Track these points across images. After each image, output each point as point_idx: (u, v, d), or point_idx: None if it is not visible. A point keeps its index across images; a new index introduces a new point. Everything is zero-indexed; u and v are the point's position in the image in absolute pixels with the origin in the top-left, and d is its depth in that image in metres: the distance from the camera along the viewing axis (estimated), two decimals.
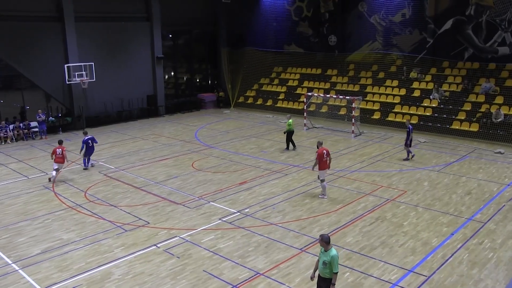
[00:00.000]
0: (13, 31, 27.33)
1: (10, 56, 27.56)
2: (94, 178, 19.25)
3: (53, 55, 28.89)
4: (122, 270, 11.59)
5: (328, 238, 8.91)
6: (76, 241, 13.30)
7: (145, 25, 33.47)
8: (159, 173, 19.63)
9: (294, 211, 15.14)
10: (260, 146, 23.88)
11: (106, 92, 31.34)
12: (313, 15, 34.26)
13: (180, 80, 39.26)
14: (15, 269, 11.82)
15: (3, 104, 28.45)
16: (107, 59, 31.20)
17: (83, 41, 29.88)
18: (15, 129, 27.27)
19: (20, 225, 14.60)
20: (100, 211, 15.53)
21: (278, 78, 36.57)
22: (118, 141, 26.16)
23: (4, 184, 18.93)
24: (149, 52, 33.91)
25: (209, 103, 37.06)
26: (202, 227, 13.98)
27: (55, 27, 28.97)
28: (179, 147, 24.04)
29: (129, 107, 32.82)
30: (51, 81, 29.09)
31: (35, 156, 23.35)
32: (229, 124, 30.27)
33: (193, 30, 37.91)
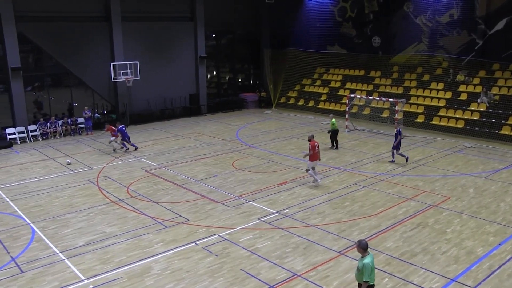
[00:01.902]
0: (64, 31, 28.33)
1: (61, 55, 28.58)
2: (136, 174, 19.68)
3: (100, 54, 29.75)
4: (161, 265, 11.79)
5: (366, 244, 8.67)
6: (118, 235, 13.63)
7: (189, 25, 33.95)
8: (199, 171, 19.86)
9: (333, 213, 15.01)
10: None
11: (150, 90, 31.99)
12: (357, 16, 33.82)
13: (223, 79, 39.61)
14: (61, 259, 12.25)
15: (53, 101, 29.55)
16: (151, 58, 31.84)
17: (128, 40, 30.62)
18: (63, 125, 28.23)
19: (66, 217, 15.11)
20: (142, 206, 15.86)
21: (321, 79, 36.32)
22: (161, 138, 26.64)
23: (52, 177, 19.64)
24: (193, 52, 34.39)
25: (250, 103, 37.21)
26: (241, 226, 14.05)
27: (102, 27, 29.82)
28: (220, 146, 24.26)
29: (172, 106, 33.37)
30: (97, 79, 29.97)
31: (81, 151, 24.09)
32: (270, 124, 30.30)
33: (236, 30, 38.18)
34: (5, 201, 16.84)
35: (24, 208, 16.05)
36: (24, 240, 13.47)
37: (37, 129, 27.46)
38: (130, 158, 22.26)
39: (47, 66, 29.62)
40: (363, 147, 23.54)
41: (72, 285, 10.91)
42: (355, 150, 22.90)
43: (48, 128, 27.64)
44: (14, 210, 15.86)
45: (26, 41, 27.17)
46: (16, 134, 26.73)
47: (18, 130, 26.85)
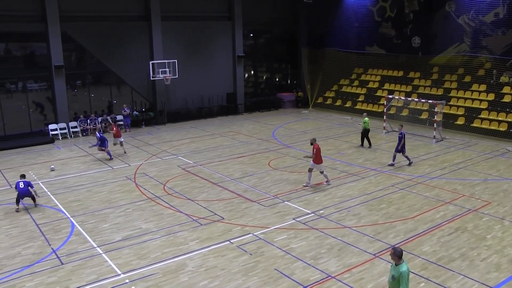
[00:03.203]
0: (105, 30, 28.99)
1: (102, 54, 29.26)
2: (173, 172, 19.93)
3: (140, 53, 30.29)
4: (195, 262, 11.90)
5: (401, 252, 8.38)
6: (154, 231, 13.84)
7: (227, 24, 34.16)
8: (235, 170, 19.95)
9: (369, 215, 14.81)
10: (338, 147, 23.57)
11: (187, 89, 32.36)
12: (396, 16, 33.23)
13: (260, 79, 39.69)
14: (99, 253, 12.55)
15: (94, 98, 30.27)
16: (189, 57, 32.19)
17: (167, 39, 31.06)
18: (102, 122, 28.90)
19: (105, 212, 15.45)
20: (178, 204, 16.05)
21: (358, 79, 35.89)
22: (197, 136, 26.90)
23: (92, 173, 20.13)
24: (230, 51, 34.58)
25: (287, 102, 37.14)
26: (276, 225, 14.03)
27: (142, 26, 30.36)
28: (256, 145, 24.30)
29: (209, 104, 33.65)
30: (136, 77, 30.52)
31: (119, 148, 24.51)
32: (307, 124, 30.16)
33: (274, 30, 38.16)
34: (47, 195, 17.38)
35: (64, 202, 16.51)
36: (64, 233, 13.86)
37: (78, 126, 28.22)
38: (168, 156, 22.58)
39: (88, 65, 30.37)
40: None
41: (109, 279, 11.15)
42: (392, 151, 22.45)
43: (88, 124, 28.36)
44: (55, 204, 16.35)
45: (69, 40, 27.93)
46: (57, 130, 27.56)
47: (60, 126, 27.67)
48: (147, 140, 26.41)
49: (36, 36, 27.72)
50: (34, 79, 28.80)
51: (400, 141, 19.92)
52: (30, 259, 12.28)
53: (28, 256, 12.49)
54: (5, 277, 11.41)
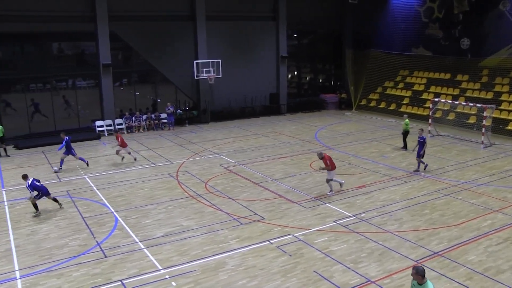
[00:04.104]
0: (151, 30, 29.60)
1: (148, 53, 29.87)
2: (215, 170, 20.10)
3: (184, 52, 30.73)
4: (235, 261, 11.96)
5: (424, 271, 7.90)
6: (195, 229, 14.00)
7: (271, 25, 34.19)
8: (277, 170, 19.92)
9: (412, 220, 14.46)
10: (381, 150, 23.17)
11: (231, 88, 32.58)
12: (444, 16, 32.30)
13: (303, 79, 39.53)
14: (141, 248, 12.80)
15: (139, 96, 30.94)
16: (233, 57, 32.40)
17: (212, 39, 31.37)
18: (147, 120, 29.50)
19: (147, 208, 15.75)
20: (219, 202, 16.17)
21: (403, 81, 35.15)
22: (240, 136, 27.04)
23: (135, 169, 20.58)
24: (274, 51, 34.60)
25: (330, 104, 36.81)
26: (316, 227, 13.92)
27: (187, 25, 30.79)
28: (299, 146, 24.20)
29: (252, 104, 33.77)
30: (181, 76, 30.98)
31: (162, 145, 25.02)
32: (350, 126, 29.80)
33: (318, 30, 37.91)
34: (92, 189, 17.88)
35: (109, 197, 16.94)
36: (108, 227, 14.22)
37: (123, 123, 28.90)
38: (210, 155, 22.80)
39: (134, 63, 31.10)
40: (446, 154, 22.49)
41: (149, 274, 11.35)
42: (437, 156, 21.94)
43: (133, 122, 29.00)
44: (100, 199, 16.79)
45: (116, 39, 28.65)
46: (104, 126, 28.33)
47: (106, 123, 28.44)
48: (190, 138, 26.76)
49: (86, 36, 28.61)
50: (83, 77, 29.74)
51: (422, 146, 19.34)
52: (76, 250, 12.69)
53: (75, 247, 12.91)
54: (55, 266, 11.87)
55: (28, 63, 27.53)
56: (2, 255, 12.61)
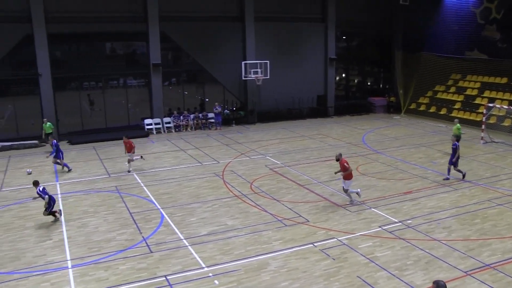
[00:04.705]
0: (200, 30, 30.07)
1: (196, 53, 30.32)
2: (260, 171, 20.15)
3: (233, 53, 31.01)
4: (278, 262, 11.93)
5: (445, 286, 7.39)
6: (239, 229, 14.07)
7: (319, 26, 33.99)
8: (323, 173, 19.76)
9: (461, 229, 13.98)
10: (430, 156, 22.55)
11: (278, 90, 32.58)
12: (503, 17, 30.97)
13: (351, 82, 39.05)
14: (185, 245, 13.00)
15: (187, 96, 31.47)
16: (281, 58, 32.39)
17: (260, 40, 31.51)
18: (195, 119, 29.96)
19: (192, 206, 15.97)
20: (264, 203, 16.20)
21: (455, 86, 34.08)
22: (286, 137, 27.02)
23: (182, 167, 20.92)
24: (322, 53, 34.37)
25: (379, 107, 36.19)
26: (361, 232, 13.71)
27: (236, 26, 31.06)
28: (345, 149, 23.89)
29: (299, 106, 33.66)
30: (228, 77, 31.28)
31: (209, 145, 25.32)
32: (398, 130, 29.19)
33: (367, 32, 37.31)
34: (140, 186, 18.31)
35: (156, 194, 17.29)
36: (154, 223, 14.52)
37: (171, 122, 29.45)
38: (256, 155, 22.88)
39: (183, 63, 31.67)
40: (500, 161, 21.63)
41: (193, 271, 11.50)
42: (490, 164, 21.14)
43: (181, 121, 29.51)
44: (147, 195, 17.18)
45: (166, 40, 29.25)
46: (152, 125, 28.98)
47: (155, 121, 29.08)
48: (237, 138, 26.96)
49: (137, 36, 29.41)
50: (134, 76, 30.54)
51: (455, 153, 18.62)
52: (123, 245, 13.03)
53: (122, 241, 13.26)
54: (103, 258, 12.24)
55: (82, 62, 28.54)
56: (56, 245, 13.16)
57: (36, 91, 26.74)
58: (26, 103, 27.42)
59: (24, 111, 27.02)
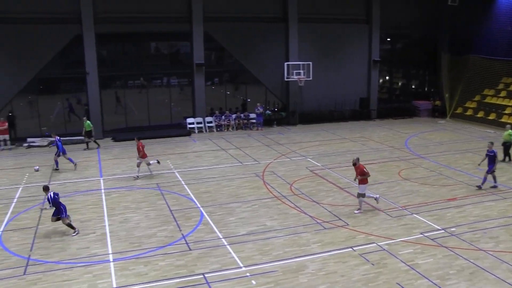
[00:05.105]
0: (243, 31, 30.23)
1: (239, 53, 30.48)
2: (301, 172, 20.05)
3: (275, 54, 31.00)
4: (316, 265, 11.82)
5: None
6: (278, 230, 14.03)
7: (363, 28, 33.51)
8: None
9: (511, 240, 13.41)
10: (476, 162, 21.75)
11: (320, 91, 32.32)
12: None
13: (395, 85, 38.33)
14: (224, 244, 13.07)
15: (229, 96, 31.69)
16: (323, 59, 32.12)
17: (303, 41, 31.38)
18: (236, 119, 30.11)
19: (232, 206, 16.05)
20: (303, 205, 16.09)
21: (507, 90, 32.81)
22: (327, 140, 26.78)
23: (222, 167, 21.07)
24: (366, 55, 33.86)
25: (423, 111, 35.32)
26: (402, 238, 13.40)
27: (279, 27, 31.03)
28: (388, 153, 23.49)
29: (341, 108, 33.29)
30: (271, 77, 31.29)
31: (250, 145, 25.40)
32: (443, 135, 28.41)
33: (413, 34, 36.43)
34: (181, 183, 18.56)
35: (196, 192, 17.48)
36: (194, 221, 14.68)
37: (213, 121, 29.72)
38: (296, 157, 22.79)
39: (226, 63, 31.90)
40: None
41: (231, 270, 11.55)
42: None
43: (223, 120, 29.73)
44: (188, 193, 17.39)
45: (210, 40, 29.55)
46: (194, 124, 29.32)
47: (197, 121, 29.41)
48: (278, 139, 26.93)
49: (181, 36, 29.88)
50: (177, 75, 31.01)
51: (493, 161, 17.81)
52: (163, 241, 13.23)
53: (162, 238, 13.47)
54: (143, 253, 12.49)
55: (127, 61, 29.27)
56: (98, 239, 13.52)
57: (83, 88, 27.60)
58: (74, 100, 28.38)
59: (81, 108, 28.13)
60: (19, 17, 25.73)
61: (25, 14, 25.76)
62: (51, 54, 26.46)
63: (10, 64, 25.88)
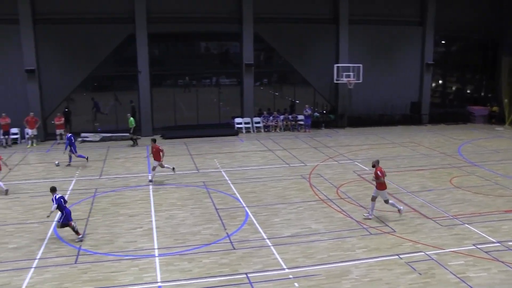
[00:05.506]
0: (293, 32, 30.16)
1: (288, 54, 30.41)
2: (348, 176, 19.73)
3: (325, 55, 30.74)
4: (360, 271, 11.55)
5: None
6: (322, 233, 13.84)
7: (417, 30, 32.61)
8: (413, 183, 18.92)
9: None
10: None
11: (370, 94, 31.73)
12: None
13: (449, 89, 37.08)
14: (268, 245, 13.01)
15: (278, 96, 31.64)
16: (374, 62, 31.52)
17: (353, 42, 30.93)
18: (284, 120, 30.03)
19: (277, 207, 15.97)
20: (349, 209, 15.81)
21: None
22: (376, 144, 26.26)
23: (269, 168, 21.04)
24: (419, 58, 32.95)
25: (478, 117, 33.99)
26: (452, 248, 12.88)
27: (330, 29, 30.75)
28: (439, 160, 22.74)
29: (391, 112, 32.55)
30: (320, 79, 31.05)
31: (297, 146, 25.25)
32: (500, 142, 27.19)
33: (470, 36, 35.05)
34: (227, 183, 18.65)
35: (242, 192, 17.51)
36: (239, 221, 14.69)
37: (261, 122, 29.75)
38: (344, 160, 22.45)
39: (275, 64, 31.89)
40: None
41: (274, 271, 11.46)
42: None
43: (271, 121, 29.70)
44: (234, 193, 17.45)
45: (259, 40, 29.62)
46: (242, 124, 29.45)
47: (245, 121, 29.53)
48: (325, 142, 26.65)
49: (231, 36, 30.13)
50: (226, 75, 31.29)
51: None
52: (208, 239, 13.32)
53: (207, 236, 13.56)
54: (187, 250, 12.61)
55: (177, 60, 29.82)
56: (145, 233, 13.77)
57: (134, 86, 28.30)
58: (125, 98, 29.20)
59: (124, 105, 28.80)
60: (77, 18, 26.82)
61: (82, 15, 26.80)
62: (105, 53, 27.33)
63: (68, 62, 26.98)
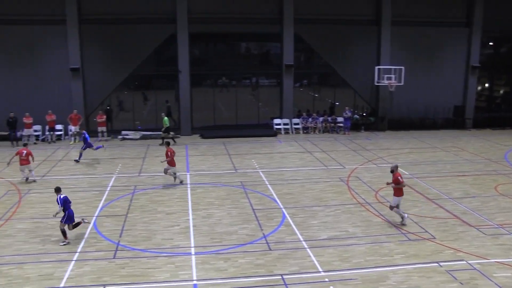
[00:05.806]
0: (334, 33, 29.96)
1: (328, 55, 30.19)
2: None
3: (366, 57, 30.33)
4: (398, 277, 11.30)
5: None
6: (360, 237, 13.64)
7: (462, 31, 31.67)
8: (455, 188, 18.39)
9: None
10: None
11: (412, 97, 31.05)
12: None
13: (496, 93, 35.84)
14: (304, 247, 12.92)
15: (317, 98, 31.45)
16: (416, 64, 30.81)
17: (395, 44, 30.40)
18: (323, 122, 29.81)
19: (314, 209, 15.84)
20: (388, 213, 15.49)
21: None
22: (417, 148, 25.70)
23: (307, 169, 20.92)
24: (464, 60, 31.97)
25: None
26: (497, 259, 12.39)
27: (371, 30, 30.32)
28: (483, 166, 22.02)
29: (433, 115, 31.77)
30: (360, 81, 30.64)
31: (336, 149, 25.01)
32: None
33: None
34: (265, 183, 18.65)
35: (279, 193, 17.46)
36: (275, 222, 14.65)
37: (300, 123, 29.63)
38: (383, 164, 22.05)
39: (315, 65, 31.69)
40: None
41: (309, 274, 11.36)
42: None
43: (310, 123, 29.54)
44: (271, 193, 17.42)
45: (300, 41, 29.51)
46: (281, 125, 29.41)
47: (284, 122, 29.48)
48: (365, 145, 26.27)
49: (272, 37, 30.18)
50: (266, 76, 31.32)
51: None
52: (244, 239, 13.35)
53: (243, 236, 13.59)
54: (223, 249, 12.69)
55: (217, 60, 30.08)
56: (182, 231, 13.92)
57: (175, 86, 28.71)
58: (164, 97, 29.75)
59: (163, 104, 29.37)
60: (120, 18, 27.47)
61: (125, 15, 27.45)
62: (146, 53, 27.86)
63: (111, 61, 27.66)
